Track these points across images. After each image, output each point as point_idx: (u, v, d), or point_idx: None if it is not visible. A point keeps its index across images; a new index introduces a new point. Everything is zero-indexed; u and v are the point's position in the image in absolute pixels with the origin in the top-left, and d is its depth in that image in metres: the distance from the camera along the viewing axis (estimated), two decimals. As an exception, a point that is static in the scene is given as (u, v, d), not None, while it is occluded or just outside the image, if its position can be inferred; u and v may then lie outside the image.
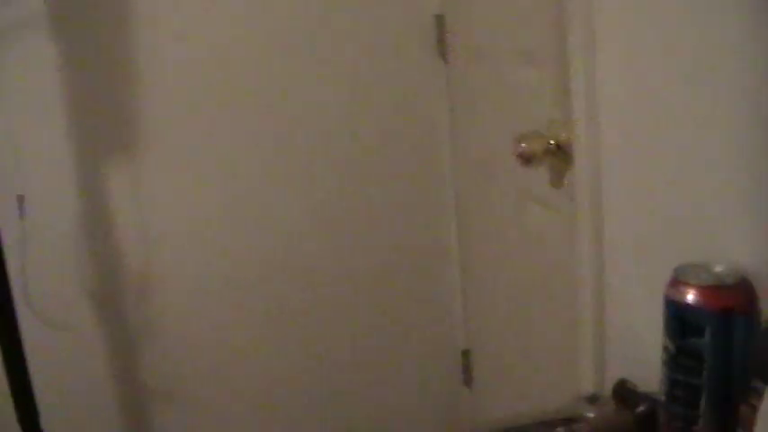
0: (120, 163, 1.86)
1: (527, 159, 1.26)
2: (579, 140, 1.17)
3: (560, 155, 1.25)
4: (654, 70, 1.02)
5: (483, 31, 1.68)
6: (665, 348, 0.84)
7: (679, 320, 0.81)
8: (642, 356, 1.12)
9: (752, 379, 0.74)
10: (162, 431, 2.04)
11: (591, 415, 1.05)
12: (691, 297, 0.80)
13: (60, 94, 1.78)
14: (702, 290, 0.79)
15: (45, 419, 1.57)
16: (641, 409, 1.00)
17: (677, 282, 0.82)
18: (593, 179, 1.16)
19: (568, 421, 1.03)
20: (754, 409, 0.73)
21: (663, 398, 0.86)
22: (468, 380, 2.19)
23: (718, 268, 0.83)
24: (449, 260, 2.12)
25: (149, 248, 1.91)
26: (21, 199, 1.75)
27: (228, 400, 2.06)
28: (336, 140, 1.98)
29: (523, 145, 1.26)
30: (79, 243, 1.87)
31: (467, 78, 1.83)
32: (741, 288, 0.79)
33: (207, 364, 2.02)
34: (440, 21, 1.93)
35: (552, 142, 1.26)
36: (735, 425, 0.76)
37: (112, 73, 1.81)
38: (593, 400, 1.10)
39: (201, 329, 2.00)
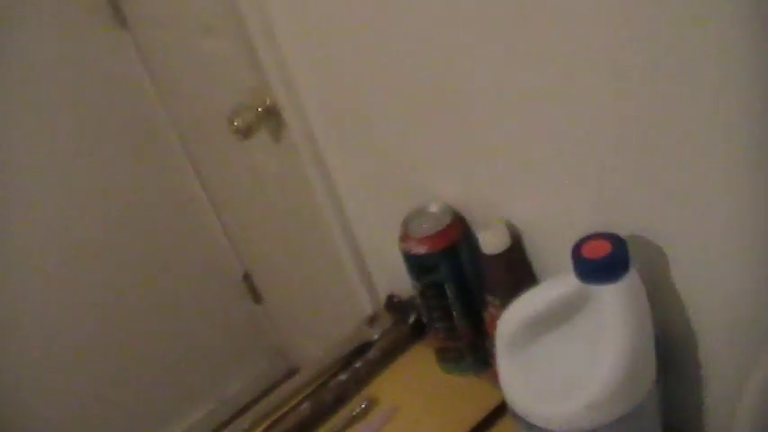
0: None
1: (245, 133, 1.33)
2: (284, 105, 1.26)
3: (272, 117, 1.34)
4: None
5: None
6: (414, 286, 1.02)
7: (416, 266, 0.99)
8: (397, 271, 1.31)
9: (484, 293, 0.95)
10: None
11: (376, 336, 1.23)
12: (419, 247, 0.97)
13: None
14: (427, 239, 0.97)
15: None
16: (412, 319, 1.20)
17: (406, 237, 0.98)
18: (307, 138, 1.24)
19: (362, 350, 1.19)
20: (491, 315, 0.94)
21: (425, 320, 1.05)
22: (257, 299, 2.34)
23: (434, 208, 1.00)
24: (200, 206, 2.20)
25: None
26: None
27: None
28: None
29: (236, 123, 1.32)
30: None
31: (157, 46, 1.81)
32: (455, 225, 0.98)
33: None
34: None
35: (260, 109, 1.34)
36: (484, 327, 0.97)
37: None
38: (372, 321, 1.26)
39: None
